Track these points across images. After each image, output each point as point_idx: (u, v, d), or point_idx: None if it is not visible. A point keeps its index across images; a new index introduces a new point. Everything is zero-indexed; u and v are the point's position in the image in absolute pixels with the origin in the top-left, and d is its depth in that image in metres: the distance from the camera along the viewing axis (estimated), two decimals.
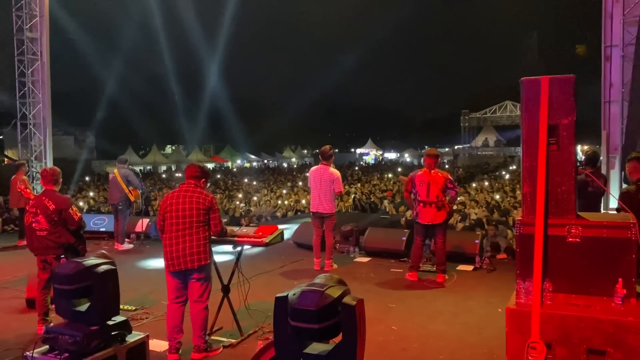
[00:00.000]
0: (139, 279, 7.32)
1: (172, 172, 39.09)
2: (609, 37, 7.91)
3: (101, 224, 10.79)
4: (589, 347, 3.19)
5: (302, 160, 60.76)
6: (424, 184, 6.74)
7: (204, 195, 4.47)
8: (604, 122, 8.12)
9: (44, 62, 13.07)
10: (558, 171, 3.65)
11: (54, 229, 5.01)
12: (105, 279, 3.40)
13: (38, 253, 5.11)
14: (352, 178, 30.24)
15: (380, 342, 4.68)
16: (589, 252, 3.51)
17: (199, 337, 4.51)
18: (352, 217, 10.92)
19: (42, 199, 5.06)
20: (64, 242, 5.03)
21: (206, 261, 4.43)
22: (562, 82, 3.64)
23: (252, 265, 7.19)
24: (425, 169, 6.87)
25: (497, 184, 23.48)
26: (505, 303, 5.07)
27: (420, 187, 6.75)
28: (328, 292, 2.34)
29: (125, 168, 9.68)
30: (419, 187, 6.78)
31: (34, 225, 5.03)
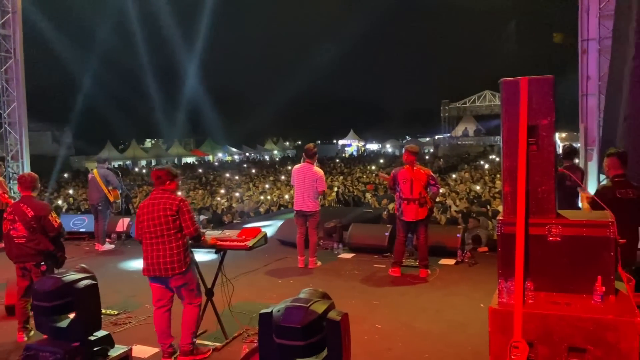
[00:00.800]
0: (121, 280, 7.25)
1: (151, 168, 38.65)
2: (585, 31, 7.99)
3: (81, 224, 10.64)
4: (570, 345, 3.23)
5: (284, 153, 60.62)
6: (407, 181, 6.76)
7: (171, 200, 4.38)
8: (581, 115, 8.23)
9: (17, 59, 12.78)
10: (538, 171, 3.68)
11: (33, 236, 4.91)
12: (85, 294, 3.35)
13: (17, 261, 5.01)
14: (336, 171, 30.24)
15: (365, 341, 4.70)
16: (569, 251, 3.55)
17: (185, 339, 4.48)
18: (335, 212, 10.94)
19: (20, 206, 4.97)
20: (43, 249, 4.94)
21: (181, 269, 4.35)
22: (541, 82, 3.66)
23: (235, 265, 7.15)
24: (407, 165, 6.88)
25: (477, 174, 23.69)
26: (487, 297, 5.12)
27: (404, 184, 6.78)
28: (313, 307, 2.33)
29: (105, 167, 9.55)
30: (402, 185, 6.80)
31: (11, 233, 4.93)
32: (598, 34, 7.83)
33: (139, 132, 51.86)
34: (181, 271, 4.36)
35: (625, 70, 6.80)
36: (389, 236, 8.31)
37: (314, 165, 7.55)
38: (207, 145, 54.43)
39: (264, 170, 34.21)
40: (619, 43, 7.14)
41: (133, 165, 43.69)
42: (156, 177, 4.50)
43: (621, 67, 6.97)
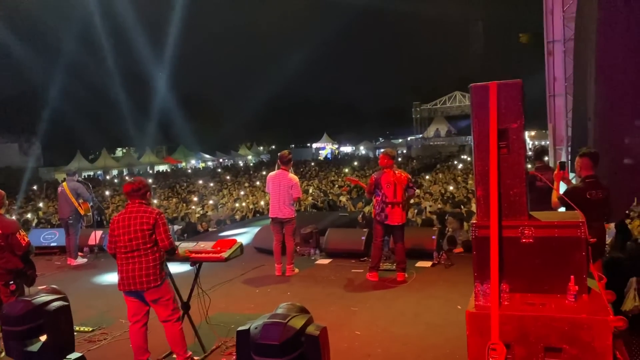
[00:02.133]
0: (94, 296, 7.10)
1: (122, 177, 38.05)
2: (550, 32, 8.17)
3: (52, 239, 10.39)
4: (545, 345, 3.28)
5: (259, 158, 60.37)
6: (391, 185, 6.76)
7: (148, 213, 4.33)
8: (549, 116, 8.40)
9: None
10: (509, 174, 3.74)
11: (1, 255, 4.79)
12: (57, 316, 3.26)
13: None
14: (310, 175, 30.23)
15: (345, 348, 4.70)
16: (542, 252, 3.61)
17: (180, 357, 4.42)
18: (311, 218, 10.91)
19: None
20: (12, 267, 4.82)
21: (156, 282, 4.29)
22: (510, 87, 3.72)
23: (211, 275, 7.08)
24: (387, 169, 6.86)
25: (450, 174, 23.98)
26: (464, 299, 5.18)
27: (388, 188, 6.76)
28: (290, 323, 2.31)
29: (75, 180, 9.35)
30: (386, 189, 6.77)
31: None
32: (563, 35, 8.01)
33: (109, 141, 50.99)
34: (156, 284, 4.30)
35: (589, 70, 6.97)
36: (365, 240, 8.33)
37: (289, 172, 7.52)
38: (179, 152, 53.84)
39: (239, 176, 33.99)
40: (580, 42, 7.32)
41: (104, 175, 42.94)
42: (133, 189, 4.41)
43: (585, 67, 7.15)
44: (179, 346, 4.42)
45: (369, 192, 7.08)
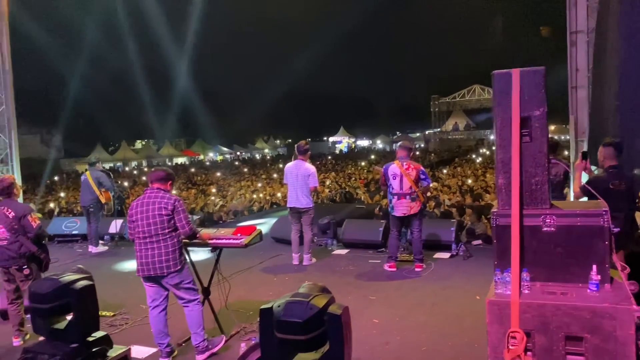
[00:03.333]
0: (115, 282, 7.21)
1: (141, 168, 38.47)
2: (574, 23, 8.03)
3: (73, 227, 10.57)
4: (566, 334, 3.26)
5: (275, 151, 60.54)
6: (397, 176, 6.79)
7: (167, 199, 4.37)
8: (571, 107, 8.27)
9: (5, 62, 12.63)
10: (531, 162, 3.71)
11: (15, 238, 4.89)
12: (83, 295, 3.33)
13: (0, 264, 4.99)
14: (326, 168, 30.24)
15: (363, 336, 4.71)
16: (564, 241, 3.58)
17: (195, 336, 4.48)
18: (328, 209, 10.93)
19: (1, 209, 4.96)
20: (25, 251, 4.92)
21: (176, 267, 4.34)
22: (533, 73, 3.68)
23: (230, 263, 7.14)
24: (397, 160, 6.90)
25: (468, 168, 23.81)
26: (483, 290, 5.17)
27: (394, 180, 6.80)
28: (313, 302, 2.33)
29: (97, 169, 9.50)
30: (392, 180, 6.82)
31: None
32: (586, 26, 7.87)
33: (129, 133, 51.60)
34: (177, 269, 4.35)
35: (608, 61, 6.85)
36: (382, 231, 8.33)
37: (306, 161, 7.55)
38: (198, 145, 54.28)
39: (256, 169, 34.14)
40: (600, 33, 7.20)
41: (124, 167, 43.45)
42: (159, 174, 4.48)
43: (604, 59, 7.03)
44: (196, 326, 4.48)
45: (382, 184, 7.13)
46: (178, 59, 39.21)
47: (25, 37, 18.60)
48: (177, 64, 40.28)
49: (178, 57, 38.71)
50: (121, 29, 32.37)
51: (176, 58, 39.03)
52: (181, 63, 39.85)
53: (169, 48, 36.69)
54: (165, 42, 35.64)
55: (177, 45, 36.70)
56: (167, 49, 36.89)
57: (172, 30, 34.74)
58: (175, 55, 38.41)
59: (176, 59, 39.15)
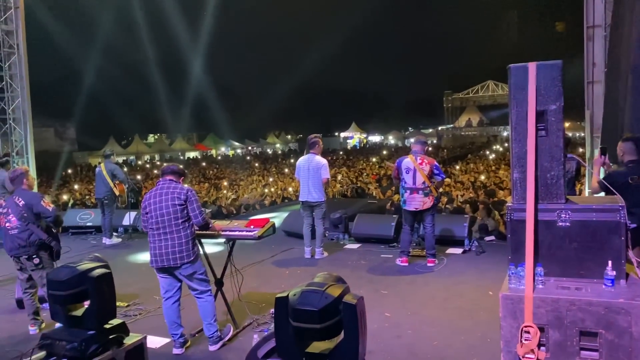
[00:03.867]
0: (129, 273, 7.28)
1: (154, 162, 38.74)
2: (590, 17, 7.95)
3: (87, 219, 10.68)
4: (581, 329, 3.25)
5: (287, 146, 60.61)
6: (410, 170, 6.77)
7: (179, 189, 4.39)
8: (587, 102, 8.20)
9: (21, 55, 12.77)
10: (547, 156, 3.69)
11: (25, 227, 4.95)
12: (100, 282, 3.37)
13: (11, 253, 5.06)
14: (338, 163, 30.25)
15: (375, 329, 4.72)
16: (579, 236, 3.56)
17: (208, 326, 4.52)
18: (340, 204, 10.94)
19: (13, 199, 5.04)
20: (36, 239, 4.97)
21: (189, 258, 4.38)
22: (549, 67, 3.66)
23: (243, 256, 7.17)
24: (411, 155, 6.89)
25: (481, 165, 23.68)
26: (495, 285, 5.16)
27: (407, 174, 6.79)
28: (328, 291, 2.35)
29: (111, 162, 9.59)
30: (405, 174, 6.80)
31: (6, 225, 4.99)
32: (604, 20, 7.79)
33: (142, 127, 51.90)
34: (190, 260, 4.38)
35: (623, 60, 6.77)
36: (394, 226, 8.32)
37: (317, 155, 7.56)
38: (210, 139, 54.47)
39: (267, 163, 34.23)
40: (615, 29, 7.12)
41: (136, 160, 43.77)
42: (172, 168, 4.54)
43: (619, 55, 6.95)
44: (209, 317, 4.52)
45: (395, 178, 7.12)
46: (192, 54, 39.37)
47: (40, 30, 18.77)
48: (191, 58, 40.45)
49: (192, 51, 38.88)
50: (136, 22, 32.55)
51: (190, 52, 39.20)
52: (195, 57, 40.01)
53: (183, 42, 36.85)
54: (180, 37, 35.79)
55: (191, 39, 36.85)
56: (181, 43, 37.06)
57: (187, 25, 34.87)
58: (189, 50, 38.58)
59: (190, 53, 39.32)
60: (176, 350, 4.50)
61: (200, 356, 4.46)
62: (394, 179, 7.21)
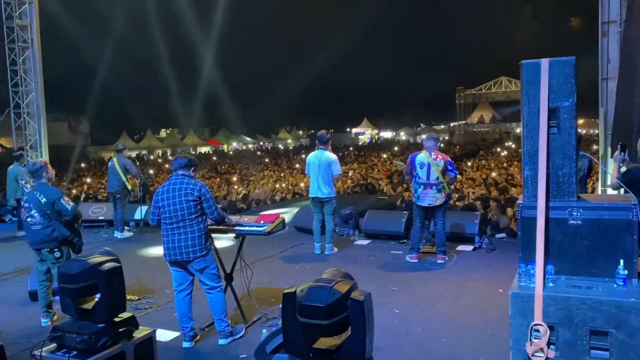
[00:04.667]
0: (140, 267, 7.33)
1: (166, 157, 38.98)
2: (606, 13, 7.85)
3: (99, 213, 10.78)
4: (591, 328, 3.22)
5: (298, 142, 60.63)
6: (424, 166, 6.74)
7: (192, 185, 4.42)
8: (601, 99, 8.11)
9: (35, 49, 12.90)
10: (559, 154, 3.66)
11: (48, 223, 5.00)
12: (110, 276, 3.41)
13: (34, 246, 5.11)
14: (350, 159, 30.21)
15: (384, 325, 4.72)
16: (591, 234, 3.53)
17: (219, 322, 4.57)
18: (350, 199, 10.94)
19: (33, 193, 5.06)
20: (58, 235, 5.02)
21: (202, 252, 4.42)
22: (563, 64, 3.62)
23: (253, 251, 7.19)
24: (424, 150, 6.86)
25: (493, 162, 23.51)
26: (505, 283, 5.13)
27: (421, 169, 6.75)
28: (336, 287, 2.35)
29: (124, 156, 9.65)
30: (419, 169, 6.77)
31: (28, 220, 5.03)
32: (619, 16, 7.69)
33: (154, 121, 52.18)
34: (202, 254, 4.42)
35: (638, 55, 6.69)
36: (405, 223, 8.30)
37: (327, 150, 7.55)
38: (221, 134, 54.64)
39: (278, 159, 34.28)
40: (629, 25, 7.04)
41: (149, 155, 44.03)
42: (182, 161, 4.54)
43: (633, 51, 6.87)
44: (220, 312, 4.56)
45: (406, 173, 7.07)
46: (205, 48, 39.44)
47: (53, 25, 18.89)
48: (204, 53, 40.52)
49: (205, 46, 38.95)
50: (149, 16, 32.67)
51: (203, 47, 39.27)
52: (207, 52, 40.09)
53: (196, 37, 36.92)
54: (192, 31, 35.87)
55: (204, 34, 36.91)
56: (194, 38, 37.13)
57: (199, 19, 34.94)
58: (202, 45, 38.65)
59: (203, 48, 39.39)
60: (186, 344, 4.54)
61: (210, 350, 4.50)
62: (406, 175, 7.17)
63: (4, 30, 12.63)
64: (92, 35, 32.99)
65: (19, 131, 13.23)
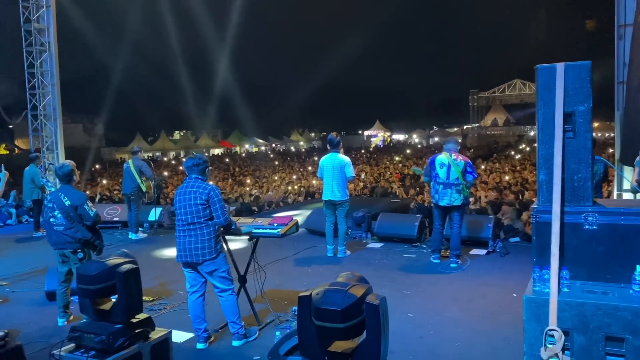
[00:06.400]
0: (154, 268, 7.39)
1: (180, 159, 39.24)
2: (622, 16, 7.78)
3: (114, 214, 10.88)
4: (607, 334, 3.20)
5: (310, 144, 60.70)
6: (444, 166, 6.76)
7: (202, 188, 4.45)
8: (617, 103, 8.04)
9: (52, 52, 13.10)
10: (574, 158, 3.64)
11: (71, 225, 5.06)
12: (128, 278, 3.46)
13: (56, 247, 5.17)
14: (362, 161, 30.19)
15: (397, 329, 4.71)
16: (606, 239, 3.51)
17: (232, 324, 4.60)
18: (363, 202, 10.93)
19: (58, 195, 5.12)
20: (81, 237, 5.08)
21: (211, 255, 4.45)
22: (578, 68, 3.61)
23: (265, 253, 7.22)
24: (445, 152, 6.89)
25: (506, 165, 23.36)
26: (519, 287, 5.10)
27: (441, 169, 6.77)
28: (351, 291, 2.36)
29: (139, 158, 9.75)
30: (439, 169, 6.78)
31: (51, 221, 5.09)
32: None
33: (168, 123, 52.60)
34: (211, 257, 4.46)
35: None
36: (418, 226, 8.29)
37: (339, 153, 7.58)
38: (234, 136, 54.93)
39: (291, 160, 34.36)
40: None
41: (162, 157, 44.37)
42: (192, 163, 4.57)
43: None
44: (232, 315, 4.59)
45: (426, 174, 7.07)
46: (218, 51, 39.68)
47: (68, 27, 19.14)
48: (217, 55, 40.77)
49: (218, 48, 39.18)
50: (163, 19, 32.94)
51: (216, 50, 39.51)
52: (221, 55, 40.33)
53: (210, 39, 37.16)
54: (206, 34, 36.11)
55: (218, 36, 37.13)
56: (208, 40, 37.37)
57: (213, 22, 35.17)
58: (215, 47, 38.89)
59: (216, 50, 39.63)
60: (200, 345, 4.58)
61: (223, 351, 4.53)
62: (425, 176, 7.16)
63: (22, 33, 12.84)
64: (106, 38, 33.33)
65: (35, 133, 13.43)
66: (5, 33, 13.82)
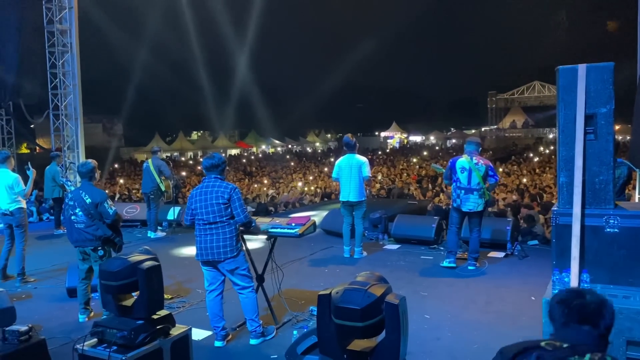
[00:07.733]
0: (173, 267, 7.47)
1: (197, 159, 39.57)
2: None
3: (133, 213, 11.02)
4: (628, 338, 3.18)
5: (326, 145, 60.71)
6: (465, 170, 6.65)
7: (224, 187, 4.50)
8: None
9: (74, 53, 13.30)
10: (596, 161, 3.62)
11: (92, 222, 5.14)
12: (150, 274, 3.52)
13: (77, 245, 5.26)
14: (378, 162, 30.13)
15: (414, 331, 4.68)
16: (628, 243, 3.48)
17: (251, 322, 4.64)
18: (380, 204, 10.92)
19: (79, 192, 5.20)
20: (102, 234, 5.16)
21: (233, 254, 4.50)
22: (600, 70, 3.59)
23: (282, 253, 7.23)
24: (465, 155, 6.78)
25: (525, 167, 23.13)
26: (538, 290, 5.06)
27: (462, 173, 6.67)
28: (371, 290, 2.38)
29: (159, 158, 9.86)
30: (460, 174, 6.69)
31: (72, 218, 5.18)
32: None
33: (186, 123, 53.00)
34: (233, 256, 4.51)
35: None
36: (435, 228, 8.25)
37: (355, 154, 7.57)
38: (251, 137, 55.15)
39: (307, 161, 34.41)
40: None
41: (180, 157, 44.74)
42: (210, 162, 4.62)
43: None
44: (251, 313, 4.63)
45: (446, 177, 6.99)
46: (236, 52, 39.93)
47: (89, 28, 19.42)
48: (235, 56, 41.02)
49: (236, 49, 39.42)
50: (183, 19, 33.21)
51: (234, 50, 39.76)
52: (239, 56, 40.58)
53: (228, 40, 37.40)
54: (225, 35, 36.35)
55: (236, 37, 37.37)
56: (226, 41, 37.62)
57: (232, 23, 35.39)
58: (233, 48, 39.15)
59: (234, 51, 39.88)
60: (218, 343, 4.63)
61: (241, 350, 4.57)
62: (445, 179, 7.07)
63: (45, 34, 13.06)
64: (126, 38, 33.74)
65: (57, 132, 13.65)
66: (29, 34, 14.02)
